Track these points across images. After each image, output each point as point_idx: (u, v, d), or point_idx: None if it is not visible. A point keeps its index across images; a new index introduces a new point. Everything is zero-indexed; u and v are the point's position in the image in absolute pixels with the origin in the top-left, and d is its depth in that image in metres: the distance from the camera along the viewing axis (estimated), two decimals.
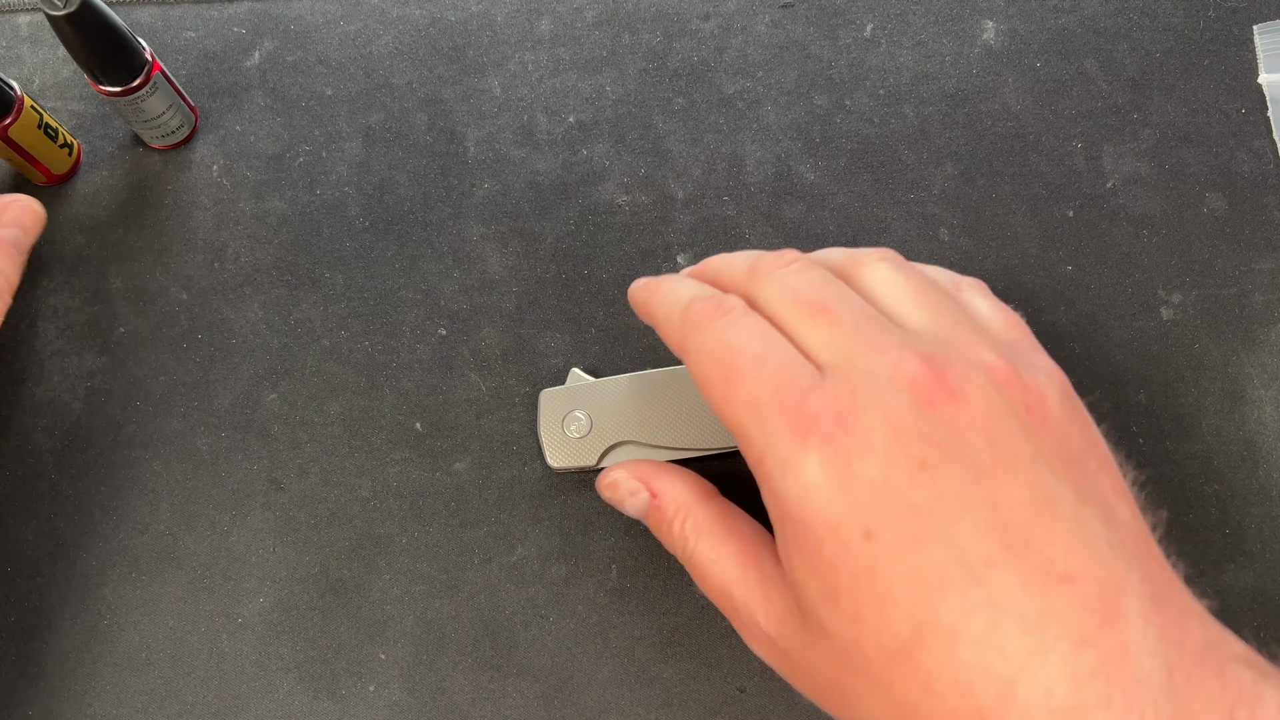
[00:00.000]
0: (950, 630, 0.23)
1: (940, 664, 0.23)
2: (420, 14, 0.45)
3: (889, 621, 0.23)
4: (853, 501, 0.24)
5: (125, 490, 0.38)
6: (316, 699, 0.36)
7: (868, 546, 0.24)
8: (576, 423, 0.37)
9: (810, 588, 0.25)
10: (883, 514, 0.24)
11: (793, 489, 0.25)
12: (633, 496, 0.33)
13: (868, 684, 0.24)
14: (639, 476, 0.33)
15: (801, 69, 0.44)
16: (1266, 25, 0.44)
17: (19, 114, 0.38)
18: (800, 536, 0.25)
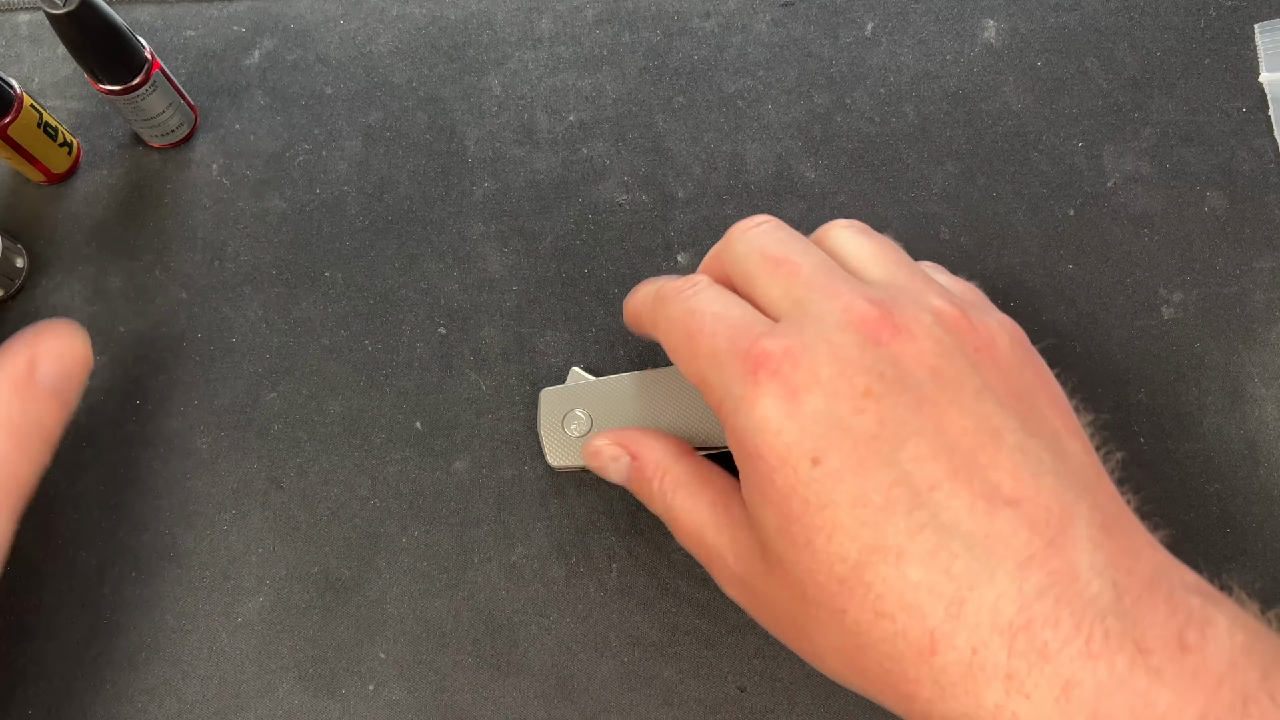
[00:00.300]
0: (897, 551, 0.23)
1: (889, 585, 0.24)
2: (420, 12, 0.45)
3: (838, 546, 0.24)
4: (800, 431, 0.25)
5: (124, 489, 0.38)
6: (316, 698, 0.36)
7: (815, 472, 0.25)
8: (577, 421, 0.37)
9: (767, 520, 0.26)
10: (829, 441, 0.24)
11: (746, 424, 0.26)
12: (614, 462, 0.33)
13: (823, 613, 0.25)
14: (619, 442, 0.34)
15: (802, 68, 0.44)
16: (1267, 24, 0.43)
17: (18, 113, 0.38)
18: (756, 470, 0.26)
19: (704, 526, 0.30)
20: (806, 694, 0.36)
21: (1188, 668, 0.21)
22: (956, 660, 0.23)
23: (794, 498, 0.25)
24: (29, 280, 0.41)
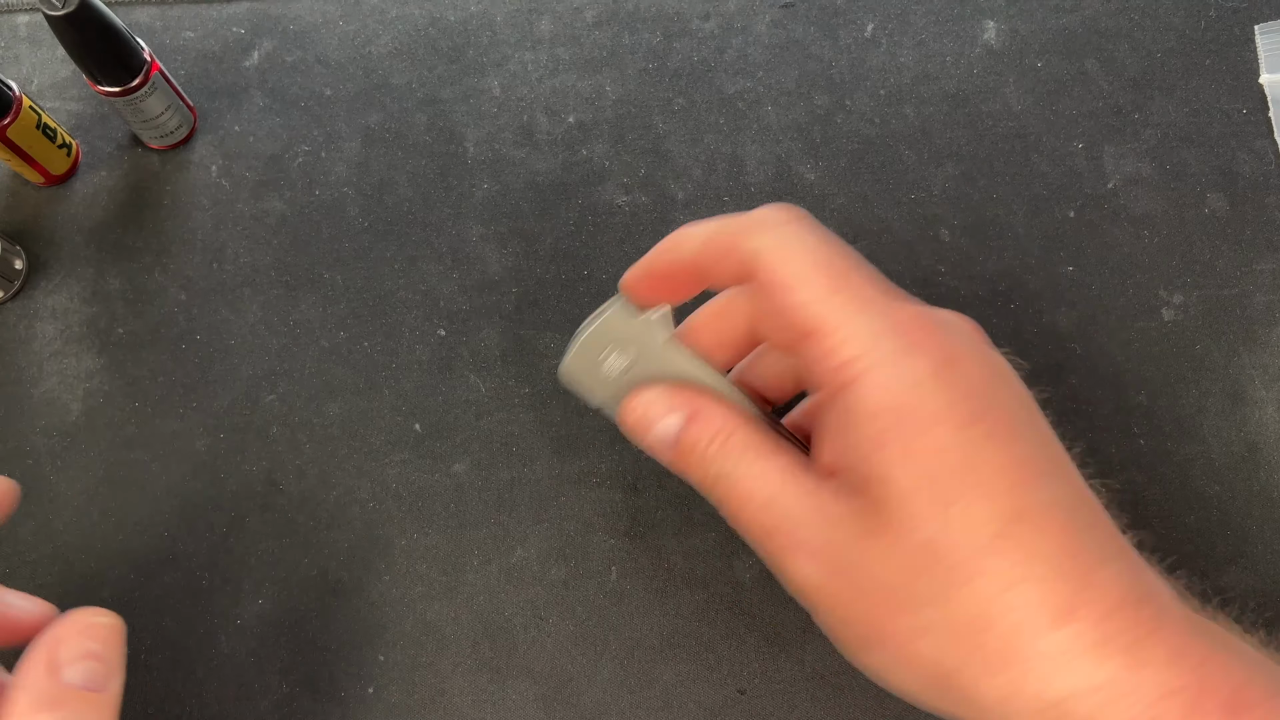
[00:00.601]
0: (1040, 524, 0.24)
1: (1026, 555, 0.23)
2: (419, 14, 0.45)
3: (982, 509, 0.24)
4: (956, 393, 0.25)
5: (123, 492, 0.38)
6: (316, 701, 0.36)
7: (969, 434, 0.24)
8: (615, 360, 0.31)
9: (900, 480, 0.24)
10: (982, 406, 0.25)
11: (901, 378, 0.25)
12: (665, 419, 0.29)
13: (941, 581, 0.24)
14: (677, 397, 0.29)
15: (802, 69, 0.44)
16: (1268, 25, 0.43)
17: (17, 114, 0.38)
18: (900, 427, 0.25)
19: (778, 494, 0.27)
20: (806, 696, 0.36)
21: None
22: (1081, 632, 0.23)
23: (939, 458, 0.24)
24: (28, 282, 0.41)
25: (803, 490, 0.26)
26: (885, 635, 0.25)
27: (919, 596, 0.24)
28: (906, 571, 0.24)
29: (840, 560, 0.26)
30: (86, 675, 0.26)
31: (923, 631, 0.25)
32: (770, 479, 0.27)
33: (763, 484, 0.27)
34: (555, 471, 0.38)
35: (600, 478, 0.38)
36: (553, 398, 0.39)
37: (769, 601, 0.37)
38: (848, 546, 0.25)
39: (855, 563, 0.25)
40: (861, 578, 0.25)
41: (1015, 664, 0.23)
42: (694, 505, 0.38)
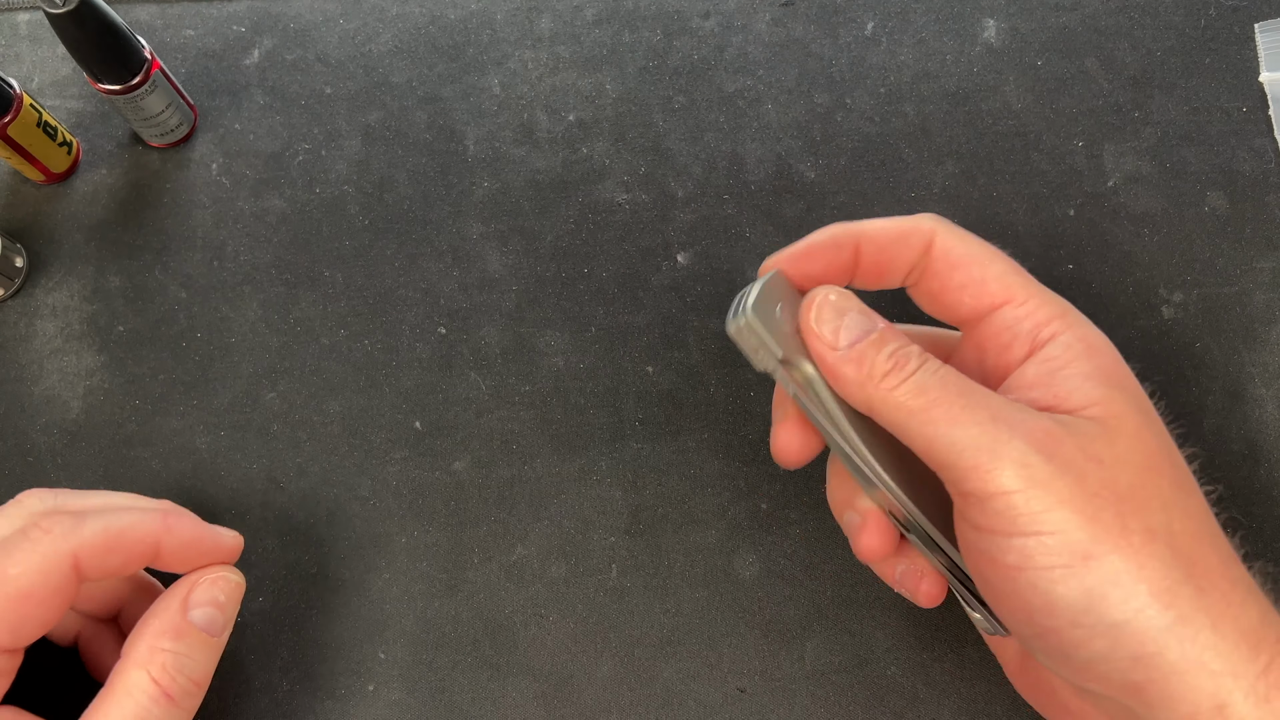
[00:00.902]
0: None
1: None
2: (420, 12, 0.45)
3: (1173, 452, 0.28)
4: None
5: (124, 489, 0.38)
6: (316, 698, 0.36)
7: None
8: (787, 314, 0.29)
9: (1137, 395, 0.28)
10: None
11: (1097, 333, 0.29)
12: (852, 315, 0.28)
13: (1169, 486, 0.26)
14: (875, 314, 0.29)
15: (802, 67, 0.44)
16: (1268, 23, 0.43)
17: (18, 112, 0.38)
18: (1119, 361, 0.28)
19: (991, 396, 0.26)
20: (806, 695, 0.36)
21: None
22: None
23: (1142, 396, 0.28)
24: (29, 279, 0.41)
25: (1009, 399, 0.27)
26: (1124, 530, 0.25)
27: (1157, 498, 0.25)
28: (1145, 472, 0.26)
29: (1077, 452, 0.25)
30: (208, 619, 0.30)
31: (1162, 533, 0.25)
32: (977, 385, 0.27)
33: (974, 385, 0.27)
34: (555, 469, 0.38)
35: (600, 475, 0.38)
36: (553, 396, 0.39)
37: (769, 599, 0.37)
38: (1088, 439, 0.26)
39: (1098, 453, 0.25)
40: (1105, 467, 0.25)
41: (1226, 583, 0.25)
42: (694, 503, 0.38)
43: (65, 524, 0.28)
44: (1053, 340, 0.28)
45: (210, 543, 0.31)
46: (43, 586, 0.28)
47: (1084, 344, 0.28)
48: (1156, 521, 0.25)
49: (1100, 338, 0.28)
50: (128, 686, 0.28)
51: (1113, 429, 0.26)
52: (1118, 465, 0.25)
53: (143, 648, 0.29)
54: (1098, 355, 0.28)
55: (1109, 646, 0.25)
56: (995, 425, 0.25)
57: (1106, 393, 0.27)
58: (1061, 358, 0.27)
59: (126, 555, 0.29)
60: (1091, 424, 0.26)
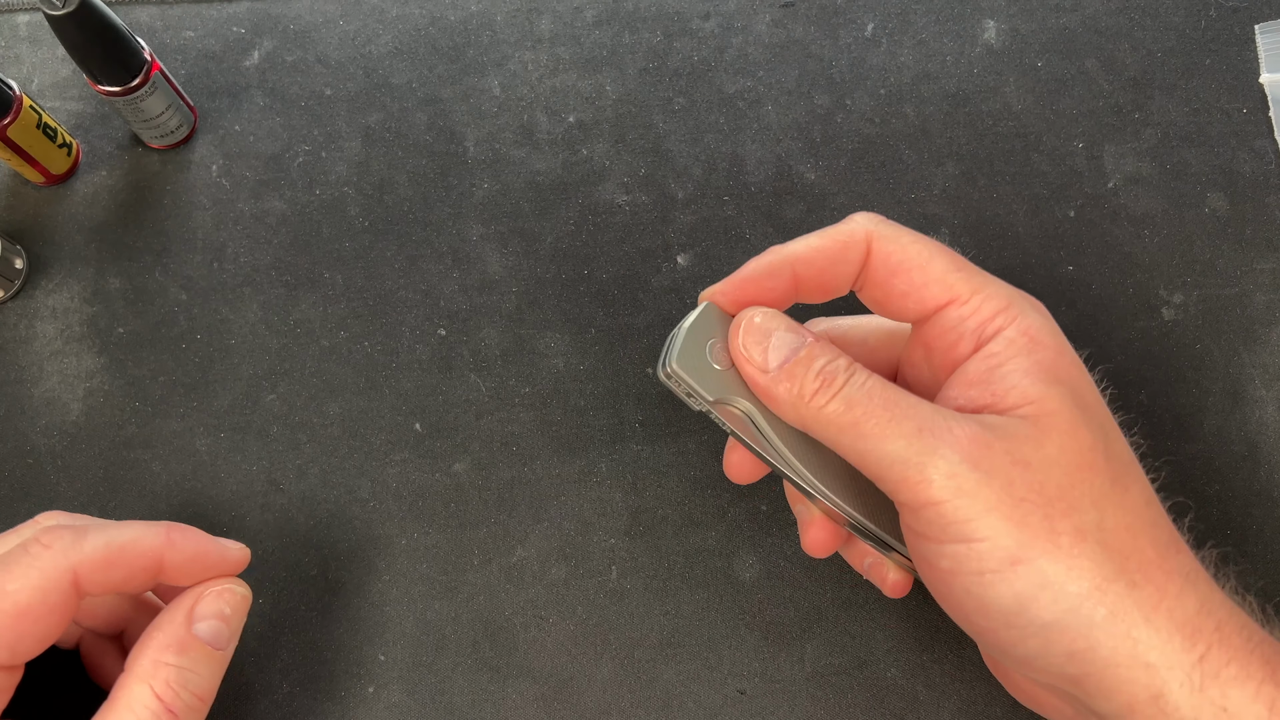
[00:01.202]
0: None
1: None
2: (420, 13, 0.45)
3: (1119, 439, 0.28)
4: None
5: (124, 491, 0.38)
6: (316, 700, 0.36)
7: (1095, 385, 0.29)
8: (719, 352, 0.30)
9: (1075, 393, 0.27)
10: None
11: (1045, 326, 0.29)
12: (783, 334, 0.29)
13: (1103, 482, 0.26)
14: (803, 330, 0.29)
15: (802, 68, 0.44)
16: (1268, 25, 0.43)
17: (18, 114, 0.38)
18: (1061, 355, 0.28)
19: (919, 403, 0.27)
20: (806, 696, 0.36)
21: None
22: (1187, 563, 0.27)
23: (1088, 382, 0.29)
24: (28, 281, 0.41)
25: (938, 407, 0.27)
26: (1052, 533, 0.25)
27: (1087, 496, 0.26)
28: (1076, 471, 0.26)
29: (1004, 457, 0.26)
30: (213, 632, 0.30)
31: (1092, 531, 0.25)
32: (906, 394, 0.27)
33: (905, 393, 0.27)
34: (555, 471, 0.38)
35: (600, 477, 0.38)
36: (553, 397, 0.39)
37: (769, 601, 0.37)
38: (1016, 443, 0.26)
39: (1025, 457, 0.26)
40: (1032, 471, 0.26)
41: (1162, 574, 0.26)
42: (694, 504, 0.38)
43: (66, 539, 0.28)
44: (996, 335, 0.28)
45: (215, 555, 0.31)
46: (41, 603, 0.27)
47: (1026, 338, 0.28)
48: (1087, 520, 0.26)
49: (1044, 327, 0.28)
50: (129, 701, 0.28)
51: (1044, 428, 0.26)
52: (1047, 467, 0.26)
53: (146, 661, 0.29)
54: (1038, 349, 0.28)
55: (1043, 645, 0.26)
56: (922, 437, 0.26)
57: (1042, 390, 0.27)
58: (1002, 354, 0.28)
59: (128, 570, 0.29)
60: (1023, 424, 0.26)
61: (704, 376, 0.29)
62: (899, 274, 0.29)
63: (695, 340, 0.29)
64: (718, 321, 0.30)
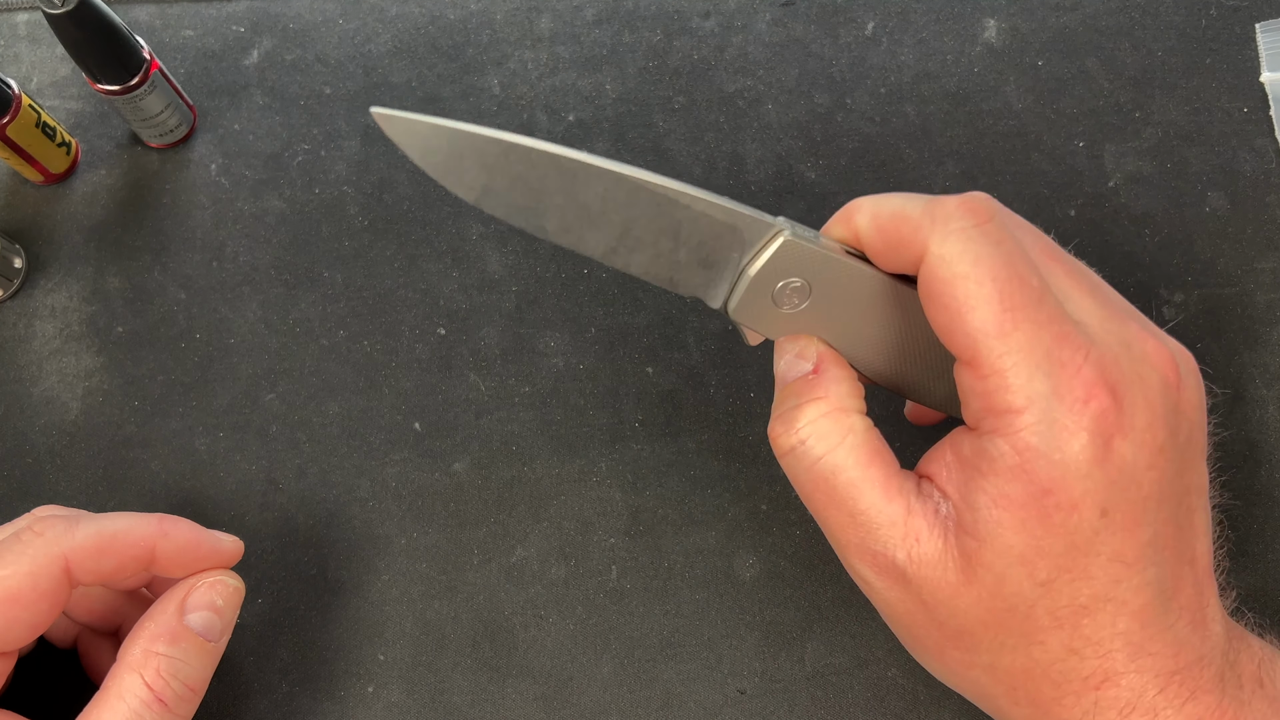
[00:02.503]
0: (1122, 604, 0.25)
1: (1100, 631, 0.25)
2: (419, 12, 0.45)
3: (1076, 590, 0.24)
4: (1103, 480, 0.24)
5: (123, 490, 0.38)
6: (315, 700, 0.36)
7: (1099, 523, 0.24)
8: (792, 293, 0.27)
9: (1009, 545, 0.24)
10: (1122, 495, 0.24)
11: (1049, 451, 0.23)
12: (794, 358, 0.28)
13: (1013, 638, 0.25)
14: (813, 350, 0.28)
15: (802, 67, 0.44)
16: (1269, 23, 0.43)
17: (17, 112, 0.38)
18: (1029, 497, 0.24)
19: (870, 506, 0.26)
20: (806, 696, 0.36)
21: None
22: (1119, 695, 0.25)
23: (1063, 540, 0.24)
24: (27, 280, 0.41)
25: (896, 515, 0.26)
26: (944, 657, 0.27)
27: (983, 643, 0.26)
28: (981, 622, 0.26)
29: (923, 592, 0.26)
30: (205, 624, 0.30)
31: (980, 668, 0.26)
32: (866, 487, 0.26)
33: (858, 488, 0.26)
34: (555, 470, 0.38)
35: (600, 477, 0.38)
36: (553, 397, 0.39)
37: (769, 601, 0.37)
38: (935, 584, 0.26)
39: (940, 599, 0.26)
40: (939, 613, 0.26)
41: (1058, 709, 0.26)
42: (694, 504, 0.38)
43: (58, 527, 0.28)
44: (990, 435, 0.24)
45: (208, 547, 0.31)
46: (32, 589, 0.27)
47: (1016, 462, 0.24)
48: (980, 659, 0.26)
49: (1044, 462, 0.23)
50: (120, 690, 0.28)
51: (968, 578, 0.25)
52: (952, 614, 0.26)
53: (137, 651, 0.29)
54: (1020, 481, 0.24)
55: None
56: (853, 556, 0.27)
57: (990, 531, 0.24)
58: (986, 463, 0.24)
59: (120, 559, 0.29)
60: (953, 566, 0.25)
61: (768, 322, 0.27)
62: (933, 303, 0.25)
63: (763, 283, 0.27)
64: (794, 260, 0.27)
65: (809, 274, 0.27)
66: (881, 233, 0.26)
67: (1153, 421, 0.24)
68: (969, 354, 0.24)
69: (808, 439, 0.27)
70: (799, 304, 0.28)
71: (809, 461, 0.27)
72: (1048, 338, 0.24)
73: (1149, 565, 0.24)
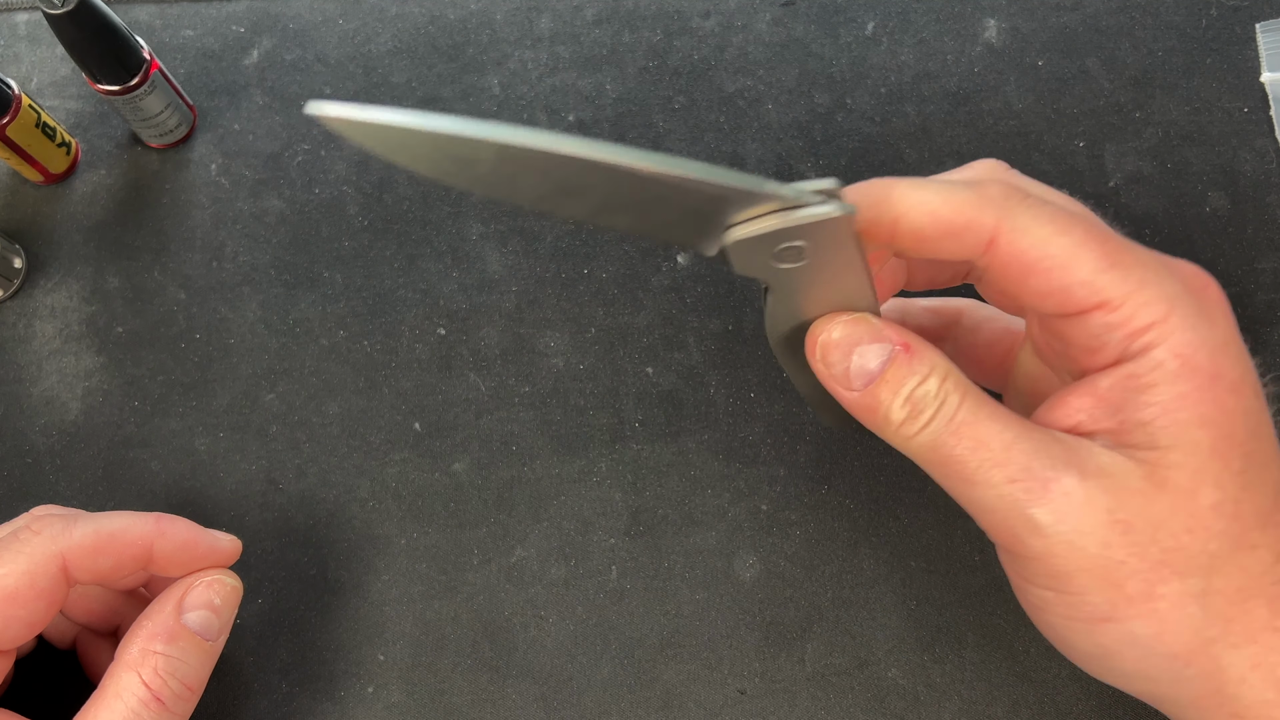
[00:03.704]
0: None
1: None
2: (419, 12, 0.45)
3: (1265, 479, 0.24)
4: (1241, 355, 0.25)
5: (122, 490, 0.38)
6: (315, 700, 0.36)
7: (1257, 401, 0.25)
8: (791, 251, 0.25)
9: (1197, 441, 0.24)
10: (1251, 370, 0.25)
11: (1207, 339, 0.24)
12: (864, 348, 0.26)
13: (1224, 544, 0.24)
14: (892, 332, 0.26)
15: (803, 67, 0.44)
16: (1269, 23, 0.43)
17: (17, 113, 0.38)
18: (1202, 387, 0.24)
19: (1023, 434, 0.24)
20: (806, 696, 0.35)
21: None
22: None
23: (1240, 421, 0.24)
24: (27, 280, 0.41)
25: (1050, 436, 0.24)
26: (1150, 597, 0.24)
27: (1197, 560, 0.24)
28: (1189, 533, 0.24)
29: (1104, 517, 0.24)
30: (203, 623, 0.30)
31: (1196, 596, 0.24)
32: (1009, 421, 0.24)
33: (1002, 426, 0.24)
34: (555, 470, 0.38)
35: (600, 476, 0.38)
36: (552, 397, 0.39)
37: (769, 601, 0.37)
38: (1121, 500, 0.24)
39: (1128, 517, 0.24)
40: (1134, 533, 0.24)
41: (1271, 635, 0.24)
42: (694, 504, 0.38)
43: (55, 526, 0.28)
44: (1144, 354, 0.24)
45: (206, 546, 0.31)
46: (29, 587, 0.27)
47: (1178, 362, 0.24)
48: (1192, 585, 0.24)
49: (1204, 346, 0.24)
50: (118, 689, 0.28)
51: (1158, 483, 0.24)
52: (1152, 529, 0.24)
53: (135, 650, 0.29)
54: (1189, 377, 0.24)
55: (1122, 681, 0.26)
56: (1015, 488, 0.24)
57: (1173, 437, 0.24)
58: (1144, 379, 0.24)
59: (117, 558, 0.29)
60: (1137, 471, 0.24)
61: (766, 273, 0.26)
62: (1036, 274, 0.24)
63: (758, 245, 0.25)
64: (787, 228, 0.25)
65: (803, 237, 0.25)
66: (939, 223, 0.25)
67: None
68: (1093, 298, 0.24)
69: (945, 399, 0.25)
70: (798, 261, 0.26)
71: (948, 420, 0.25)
72: (1142, 253, 0.24)
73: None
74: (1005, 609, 0.36)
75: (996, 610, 0.36)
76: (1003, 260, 0.25)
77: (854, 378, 0.25)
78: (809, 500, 0.38)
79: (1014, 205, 0.25)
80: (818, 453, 0.38)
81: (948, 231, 0.25)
